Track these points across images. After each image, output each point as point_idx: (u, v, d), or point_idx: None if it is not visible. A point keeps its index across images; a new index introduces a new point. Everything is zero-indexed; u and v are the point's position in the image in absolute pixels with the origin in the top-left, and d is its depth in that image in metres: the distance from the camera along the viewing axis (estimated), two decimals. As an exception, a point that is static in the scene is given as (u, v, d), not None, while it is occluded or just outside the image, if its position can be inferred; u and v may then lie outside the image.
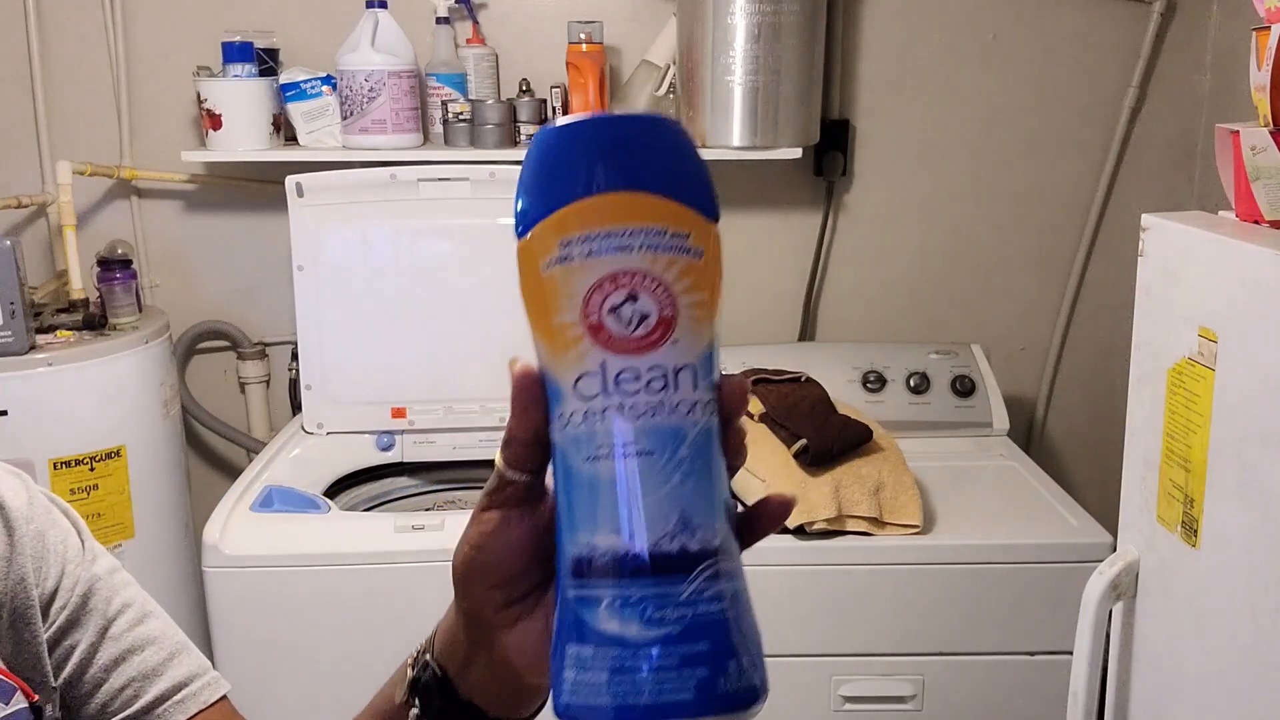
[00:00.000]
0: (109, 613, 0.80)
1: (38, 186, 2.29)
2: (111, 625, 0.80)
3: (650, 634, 0.49)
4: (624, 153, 0.51)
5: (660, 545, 0.50)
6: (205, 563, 1.81)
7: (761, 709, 0.53)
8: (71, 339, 1.92)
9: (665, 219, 0.51)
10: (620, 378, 0.50)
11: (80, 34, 2.26)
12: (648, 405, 0.49)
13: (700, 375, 0.51)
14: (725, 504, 0.52)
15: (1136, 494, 1.31)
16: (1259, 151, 1.15)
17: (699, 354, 0.51)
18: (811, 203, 2.40)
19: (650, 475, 0.50)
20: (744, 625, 0.52)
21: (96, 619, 0.79)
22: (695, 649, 0.49)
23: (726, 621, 0.51)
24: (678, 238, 0.51)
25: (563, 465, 0.51)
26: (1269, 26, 1.13)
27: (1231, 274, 1.11)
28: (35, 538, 0.78)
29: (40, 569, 0.77)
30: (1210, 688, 1.18)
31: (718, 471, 0.52)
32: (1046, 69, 2.35)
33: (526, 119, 2.19)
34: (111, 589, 0.81)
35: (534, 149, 0.52)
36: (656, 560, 0.49)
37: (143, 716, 0.79)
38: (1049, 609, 1.77)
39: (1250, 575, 1.09)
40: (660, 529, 0.50)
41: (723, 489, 0.52)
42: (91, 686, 0.78)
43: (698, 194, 0.52)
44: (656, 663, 0.49)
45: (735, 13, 2.04)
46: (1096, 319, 2.49)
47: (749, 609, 0.52)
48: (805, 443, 1.77)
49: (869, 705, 1.83)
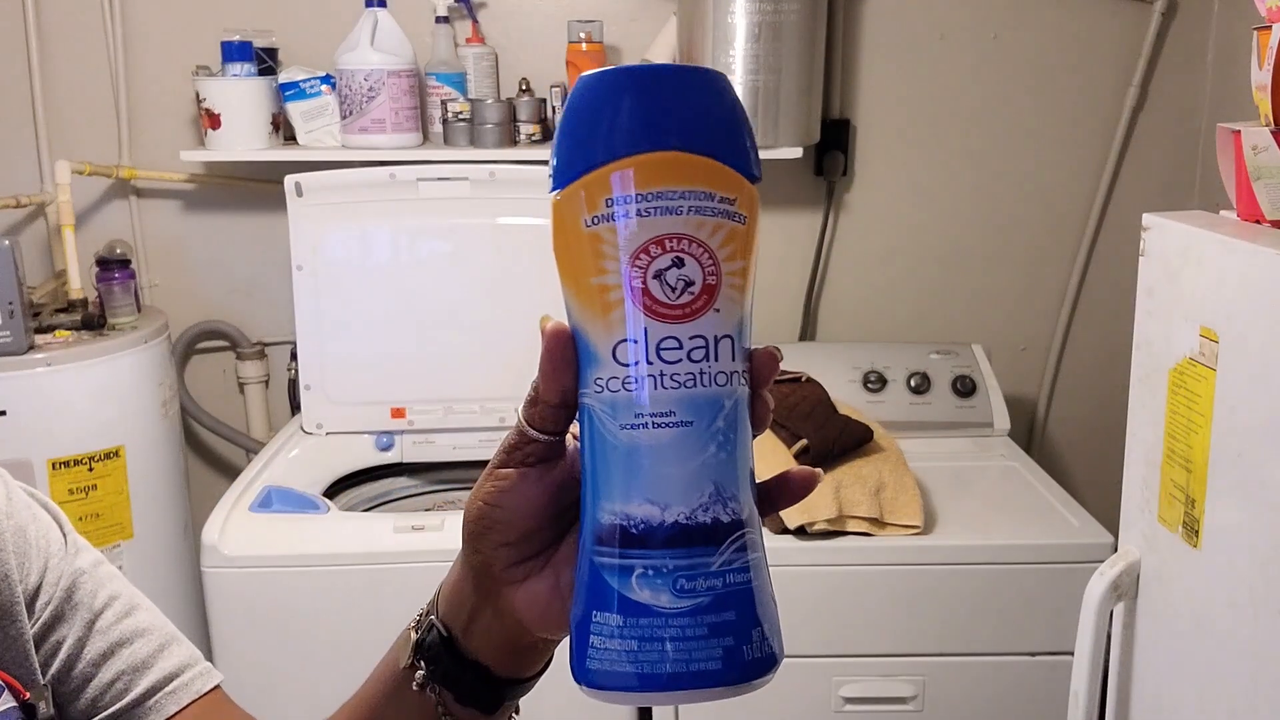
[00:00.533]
0: (95, 606, 0.79)
1: (36, 186, 2.29)
2: (98, 619, 0.79)
3: (682, 604, 0.49)
4: (675, 109, 0.49)
5: (695, 516, 0.50)
6: (204, 563, 1.80)
7: (775, 675, 0.53)
8: (70, 339, 1.92)
9: (714, 181, 0.49)
10: (662, 345, 0.49)
11: (79, 33, 2.26)
12: (688, 375, 0.49)
13: (738, 344, 0.50)
14: (752, 473, 0.52)
15: (1137, 494, 1.31)
16: (1260, 151, 1.15)
17: (738, 322, 0.50)
18: (812, 202, 2.40)
19: (687, 445, 0.49)
20: (766, 595, 0.52)
21: (83, 613, 0.78)
22: (723, 619, 0.50)
23: (752, 591, 0.51)
24: (725, 201, 0.50)
25: (595, 431, 0.51)
26: (1270, 26, 1.13)
27: (1233, 274, 1.11)
28: (16, 533, 0.77)
29: (23, 565, 0.77)
30: (1211, 688, 1.17)
31: (747, 442, 0.52)
32: (1047, 69, 2.35)
33: (526, 118, 2.19)
34: (96, 582, 0.80)
35: (578, 96, 0.50)
36: (691, 531, 0.49)
37: (134, 709, 0.79)
38: (1050, 609, 1.77)
39: (1251, 576, 1.09)
40: (696, 499, 0.49)
41: (751, 459, 0.52)
42: (81, 681, 0.78)
43: (743, 155, 0.51)
44: (686, 632, 0.49)
45: (735, 12, 2.04)
46: (1097, 319, 2.48)
47: (769, 578, 0.53)
48: (806, 443, 1.77)
49: (869, 706, 1.83)
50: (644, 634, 0.49)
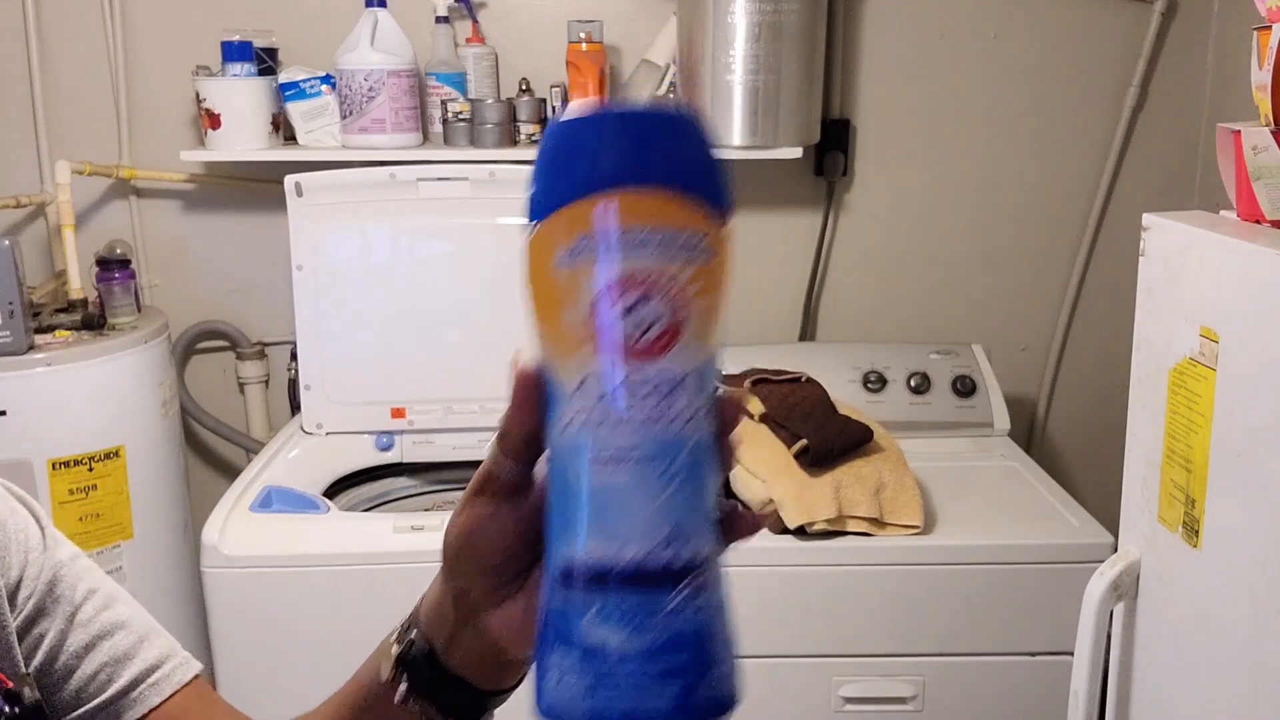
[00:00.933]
0: (75, 599, 0.80)
1: (36, 186, 2.29)
2: (79, 611, 0.79)
3: (636, 644, 0.49)
4: (644, 147, 0.49)
5: (651, 556, 0.49)
6: (204, 563, 1.80)
7: (733, 714, 0.53)
8: (70, 339, 1.92)
9: (682, 219, 0.49)
10: (625, 384, 0.48)
11: (79, 33, 2.26)
12: (650, 414, 0.49)
13: (703, 384, 0.50)
14: (713, 513, 0.52)
15: (1137, 494, 1.31)
16: (1260, 151, 1.15)
17: (703, 362, 0.50)
18: (812, 203, 2.40)
19: (647, 485, 0.49)
20: (723, 635, 0.52)
21: (64, 606, 0.79)
22: (679, 659, 0.49)
23: (708, 633, 0.51)
24: (694, 238, 0.49)
25: (558, 468, 0.51)
26: (1270, 26, 1.13)
27: (1233, 274, 1.11)
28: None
29: (4, 559, 0.77)
30: (1211, 688, 1.18)
31: (710, 482, 0.51)
32: (1047, 69, 2.35)
33: (526, 118, 2.19)
34: (76, 575, 0.81)
35: (550, 138, 0.51)
36: (646, 572, 0.49)
37: (118, 701, 0.79)
38: (1050, 609, 1.77)
39: (1251, 576, 1.09)
40: (652, 539, 0.49)
41: (713, 499, 0.52)
42: (64, 673, 0.78)
43: (714, 192, 0.50)
44: (641, 671, 0.49)
45: (735, 12, 2.04)
46: (1098, 319, 2.49)
47: (728, 617, 0.52)
48: (805, 443, 1.77)
49: (869, 706, 1.83)
50: (598, 671, 0.49)
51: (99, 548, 1.91)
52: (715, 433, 0.51)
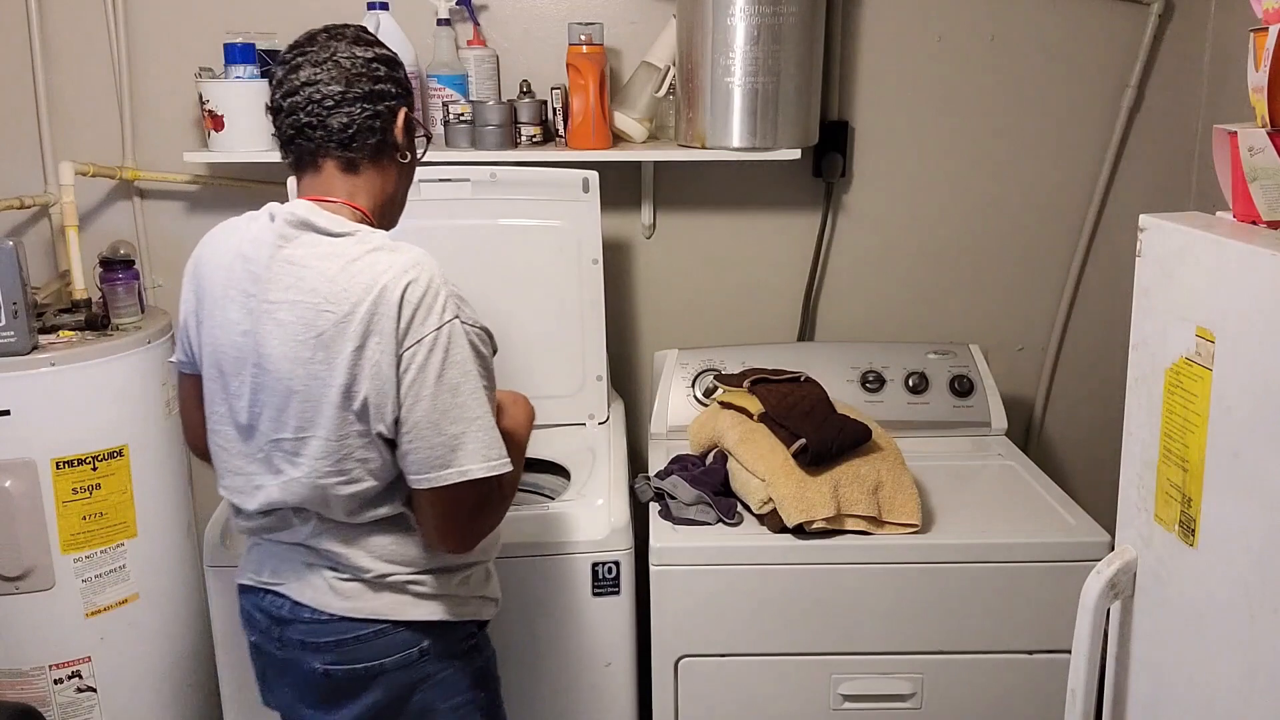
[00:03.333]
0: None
1: (40, 187, 2.30)
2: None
3: None
4: None
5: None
6: (207, 561, 1.81)
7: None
8: (74, 339, 1.93)
9: None
10: None
11: (82, 35, 2.27)
12: None
13: None
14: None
15: (1134, 493, 1.32)
16: (1256, 152, 1.16)
17: None
18: (811, 204, 2.41)
19: None
20: None
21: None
22: None
23: None
24: None
25: None
26: (1267, 27, 1.13)
27: (1229, 274, 1.12)
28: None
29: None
30: (1207, 686, 1.18)
31: None
32: (1045, 70, 2.36)
33: (527, 120, 2.20)
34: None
35: None
36: None
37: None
38: (1047, 608, 1.78)
39: (1247, 574, 1.10)
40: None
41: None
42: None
43: None
44: None
45: (735, 14, 2.05)
46: (1094, 319, 2.50)
47: None
48: (804, 442, 1.78)
49: (868, 704, 1.84)
50: None
51: (102, 547, 1.91)
52: None
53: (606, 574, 1.80)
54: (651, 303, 2.46)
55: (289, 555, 1.43)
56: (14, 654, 1.90)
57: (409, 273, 1.29)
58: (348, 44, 1.39)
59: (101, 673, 1.95)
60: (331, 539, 1.39)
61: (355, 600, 1.40)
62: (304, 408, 1.32)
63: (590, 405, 2.21)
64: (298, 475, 1.35)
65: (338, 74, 1.36)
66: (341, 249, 1.32)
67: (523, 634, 1.81)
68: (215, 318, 1.39)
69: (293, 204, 1.39)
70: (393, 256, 1.31)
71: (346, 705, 1.43)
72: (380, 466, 1.34)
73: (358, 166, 1.40)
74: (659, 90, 2.22)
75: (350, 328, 1.28)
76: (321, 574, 1.41)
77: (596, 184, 2.11)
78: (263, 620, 1.47)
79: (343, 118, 1.37)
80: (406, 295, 1.28)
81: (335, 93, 1.36)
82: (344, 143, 1.38)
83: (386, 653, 1.41)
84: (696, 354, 2.28)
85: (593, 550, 1.79)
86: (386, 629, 1.40)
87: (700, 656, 1.82)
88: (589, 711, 1.87)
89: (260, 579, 1.46)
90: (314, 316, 1.30)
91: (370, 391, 1.29)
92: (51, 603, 1.89)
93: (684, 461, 2.03)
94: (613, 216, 2.34)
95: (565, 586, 1.80)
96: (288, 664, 1.45)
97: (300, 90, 1.37)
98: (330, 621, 1.40)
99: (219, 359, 1.39)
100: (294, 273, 1.32)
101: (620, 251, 2.42)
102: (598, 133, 2.16)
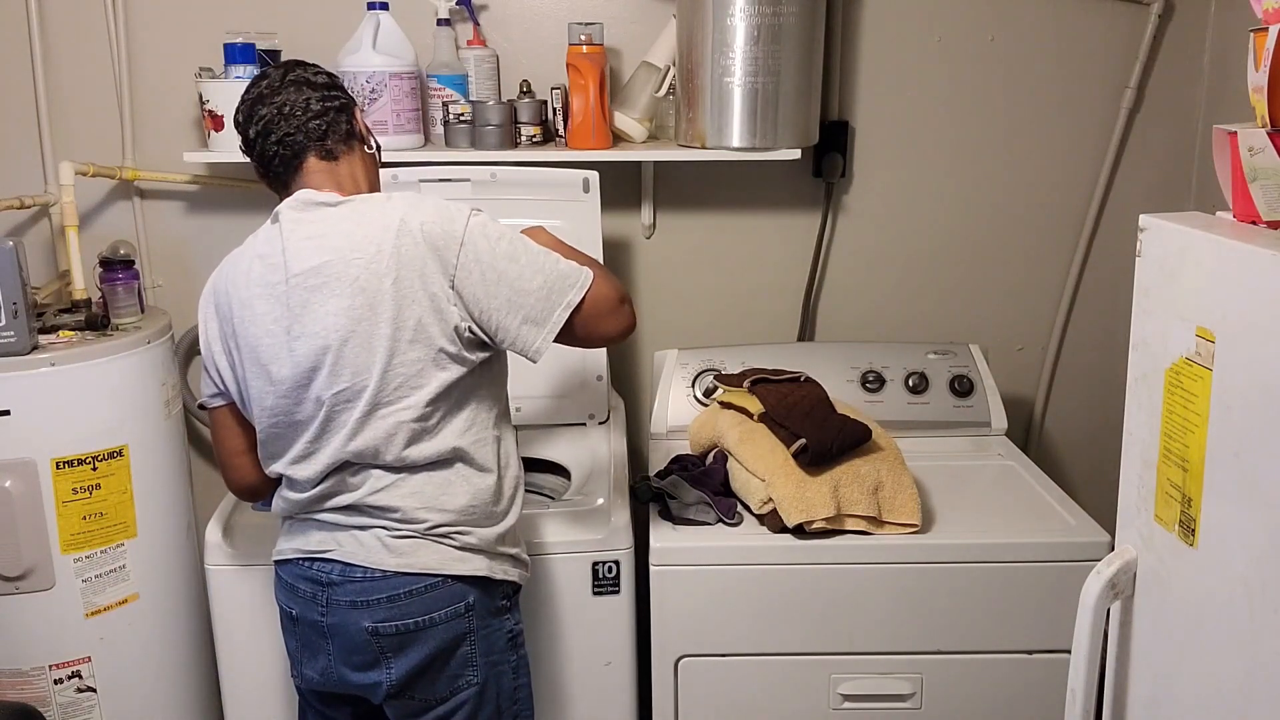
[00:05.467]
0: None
1: (40, 187, 2.30)
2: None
3: None
4: None
5: None
6: (208, 560, 1.82)
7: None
8: (74, 339, 1.93)
9: None
10: None
11: (82, 35, 2.27)
12: None
13: None
14: None
15: (1134, 493, 1.32)
16: (1256, 152, 1.16)
17: None
18: (811, 203, 2.41)
19: None
20: None
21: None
22: None
23: None
24: None
25: None
26: (1266, 28, 1.13)
27: (1229, 274, 1.12)
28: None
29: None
30: (1207, 686, 1.18)
31: None
32: (1045, 70, 2.36)
33: (527, 120, 2.20)
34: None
35: None
36: None
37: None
38: (1047, 608, 1.78)
39: (1247, 574, 1.10)
40: None
41: None
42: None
43: None
44: None
45: (735, 14, 2.05)
46: (1094, 319, 2.50)
47: None
48: (804, 442, 1.78)
49: (868, 704, 1.84)
50: None
51: (103, 546, 1.91)
52: None
53: (606, 574, 1.80)
54: (651, 303, 2.46)
55: (339, 521, 1.51)
56: (14, 654, 1.90)
57: (417, 203, 1.46)
58: (294, 69, 1.57)
59: (101, 673, 1.95)
60: (385, 492, 1.48)
61: (408, 556, 1.48)
62: (356, 352, 1.43)
63: (590, 405, 2.21)
64: (358, 416, 1.44)
65: (294, 89, 1.54)
66: (350, 209, 1.49)
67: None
68: (246, 319, 1.50)
69: (290, 198, 1.52)
70: (399, 198, 1.49)
71: (395, 662, 1.50)
72: (437, 389, 1.46)
73: (336, 155, 1.55)
74: (659, 90, 2.22)
75: (381, 265, 1.42)
76: (374, 533, 1.49)
77: (596, 184, 2.11)
78: (307, 589, 1.53)
79: (316, 120, 1.53)
80: (424, 219, 1.44)
81: (298, 102, 1.53)
82: (321, 137, 1.54)
83: (437, 606, 1.49)
84: (696, 354, 2.28)
85: (593, 550, 1.79)
86: (437, 583, 1.49)
87: (700, 656, 1.83)
88: (589, 711, 1.87)
89: (306, 550, 1.54)
90: (343, 267, 1.42)
91: (424, 313, 1.42)
92: (51, 603, 1.89)
93: (684, 461, 2.03)
94: (613, 216, 2.34)
95: (565, 586, 1.80)
96: (335, 629, 1.51)
97: (267, 115, 1.54)
98: (384, 578, 1.48)
99: (258, 354, 1.49)
100: (314, 242, 1.45)
101: (620, 251, 2.42)
102: (598, 133, 2.16)
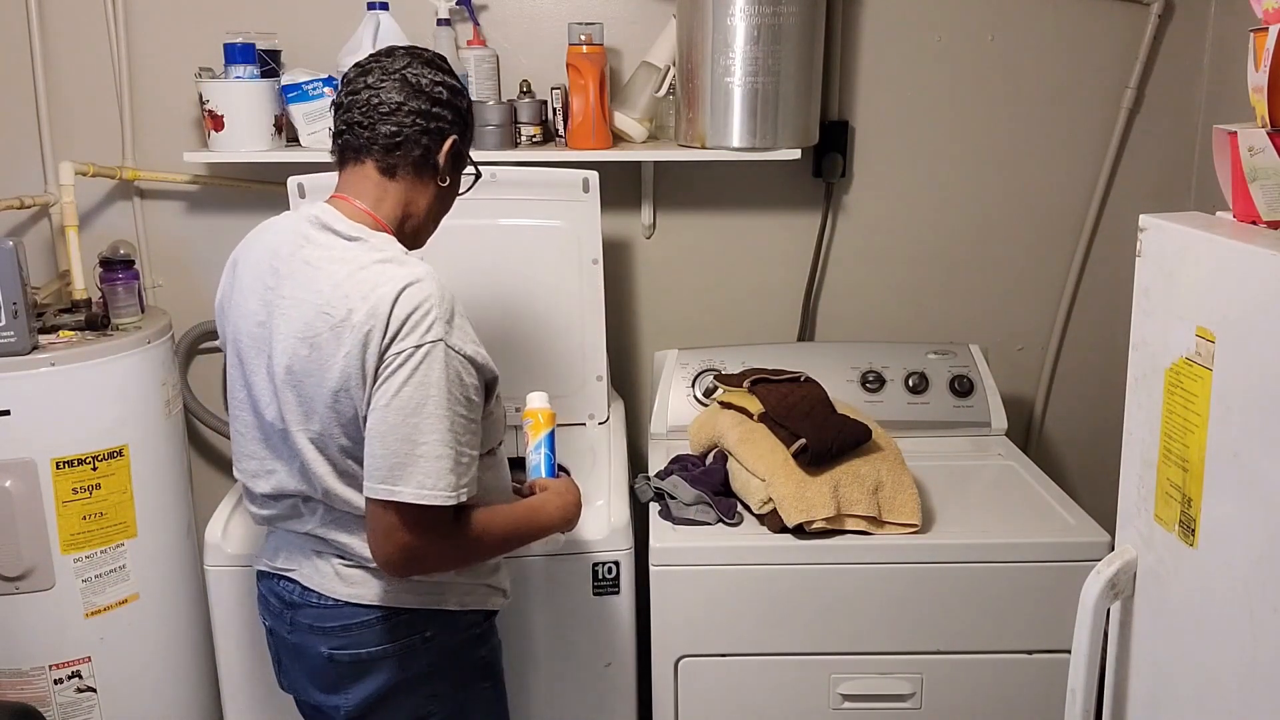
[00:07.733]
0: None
1: (40, 187, 2.30)
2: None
3: None
4: None
5: None
6: (207, 561, 1.81)
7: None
8: (74, 339, 1.93)
9: None
10: None
11: (82, 36, 2.27)
12: None
13: None
14: None
15: (1134, 493, 1.32)
16: (1256, 152, 1.16)
17: None
18: (811, 204, 2.41)
19: None
20: None
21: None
22: None
23: None
24: None
25: None
26: (1266, 28, 1.13)
27: (1229, 274, 1.12)
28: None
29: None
30: (1207, 686, 1.18)
31: None
32: (1045, 70, 2.36)
33: (527, 120, 2.20)
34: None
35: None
36: None
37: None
38: (1047, 608, 1.78)
39: (1247, 574, 1.10)
40: None
41: None
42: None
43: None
44: None
45: (735, 14, 2.05)
46: (1094, 319, 2.50)
47: None
48: (804, 442, 1.78)
49: (868, 704, 1.84)
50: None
51: (103, 546, 1.91)
52: None
53: (606, 574, 1.80)
54: (651, 303, 2.46)
55: (300, 543, 1.48)
56: (14, 654, 1.90)
57: (407, 288, 1.32)
58: (421, 64, 1.45)
59: (101, 673, 1.95)
60: (338, 529, 1.43)
61: (360, 586, 1.44)
62: (301, 401, 1.37)
63: (590, 405, 2.21)
64: (300, 464, 1.40)
65: (401, 86, 1.42)
66: (353, 255, 1.37)
67: (523, 633, 1.81)
68: (239, 308, 1.46)
69: (318, 206, 1.44)
70: (397, 269, 1.35)
71: (352, 689, 1.46)
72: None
73: (395, 173, 1.45)
74: (659, 90, 2.22)
75: (344, 334, 1.32)
76: (329, 560, 1.45)
77: (596, 184, 2.11)
78: (276, 604, 1.51)
79: (392, 126, 1.42)
80: (396, 309, 1.31)
81: (392, 101, 1.42)
82: (388, 148, 1.43)
83: (392, 637, 1.44)
84: (696, 354, 2.28)
85: (593, 550, 1.79)
86: (390, 615, 1.44)
87: (700, 656, 1.83)
88: (589, 711, 1.87)
89: (274, 565, 1.51)
90: (313, 317, 1.35)
91: (356, 394, 1.33)
92: (51, 603, 1.89)
93: (684, 461, 2.03)
94: (613, 216, 2.34)
95: (565, 586, 1.80)
96: (298, 648, 1.49)
97: (362, 91, 1.43)
98: (336, 607, 1.44)
99: (240, 347, 1.46)
100: (307, 272, 1.38)
101: (620, 251, 2.42)
102: (598, 133, 2.16)
